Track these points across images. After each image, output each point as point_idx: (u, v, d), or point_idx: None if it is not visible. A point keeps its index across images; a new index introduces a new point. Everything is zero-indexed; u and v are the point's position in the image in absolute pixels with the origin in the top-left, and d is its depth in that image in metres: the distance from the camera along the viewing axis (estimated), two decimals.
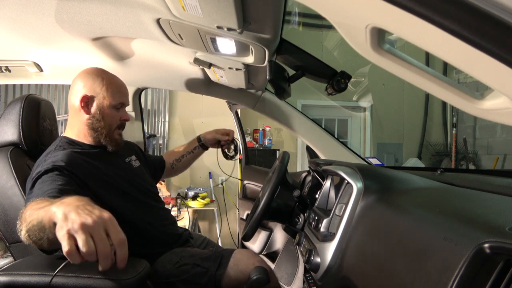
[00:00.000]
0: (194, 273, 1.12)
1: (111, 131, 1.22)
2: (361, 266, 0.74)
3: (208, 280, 1.11)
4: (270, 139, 4.28)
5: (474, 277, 0.45)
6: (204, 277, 1.12)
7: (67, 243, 0.67)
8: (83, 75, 1.20)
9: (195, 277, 1.12)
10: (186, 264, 1.15)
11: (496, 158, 4.57)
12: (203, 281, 1.11)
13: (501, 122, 0.66)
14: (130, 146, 1.47)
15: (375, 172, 0.97)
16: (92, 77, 1.19)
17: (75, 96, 1.18)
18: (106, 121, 1.20)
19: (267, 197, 1.12)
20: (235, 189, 3.98)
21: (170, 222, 1.34)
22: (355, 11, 0.56)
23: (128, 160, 1.35)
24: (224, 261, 1.16)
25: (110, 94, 1.19)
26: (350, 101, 4.88)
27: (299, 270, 1.68)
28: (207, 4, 0.79)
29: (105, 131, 1.20)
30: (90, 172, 1.11)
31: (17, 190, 1.15)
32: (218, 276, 1.12)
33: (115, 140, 1.24)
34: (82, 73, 1.21)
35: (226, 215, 3.90)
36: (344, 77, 1.22)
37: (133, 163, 1.36)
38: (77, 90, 1.18)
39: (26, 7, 0.99)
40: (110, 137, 1.22)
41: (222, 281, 1.11)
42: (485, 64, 0.43)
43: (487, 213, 0.60)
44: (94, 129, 1.19)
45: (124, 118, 1.25)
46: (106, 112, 1.19)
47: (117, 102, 1.21)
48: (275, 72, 1.18)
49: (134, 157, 1.40)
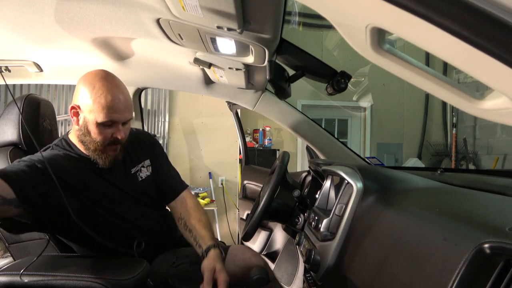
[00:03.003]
0: (192, 271, 1.12)
1: (101, 147, 1.08)
2: (361, 266, 0.74)
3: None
4: (270, 139, 4.28)
5: (474, 277, 0.45)
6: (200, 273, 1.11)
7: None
8: (80, 80, 1.08)
9: (194, 275, 1.11)
10: (183, 263, 1.15)
11: (496, 158, 4.57)
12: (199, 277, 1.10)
13: (501, 122, 0.66)
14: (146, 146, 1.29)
15: (375, 172, 0.97)
16: (84, 84, 1.06)
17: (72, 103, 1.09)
18: (92, 137, 1.07)
19: (267, 197, 1.12)
20: (235, 189, 3.98)
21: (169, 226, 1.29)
22: (355, 11, 0.56)
23: (134, 171, 1.21)
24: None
25: (96, 109, 1.03)
26: (350, 101, 4.88)
27: (299, 270, 1.68)
28: (207, 4, 0.79)
29: (92, 146, 1.08)
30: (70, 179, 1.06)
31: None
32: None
33: (107, 157, 1.10)
34: (81, 77, 1.09)
35: (226, 215, 3.90)
36: (344, 77, 1.22)
37: (141, 174, 1.23)
38: (74, 95, 1.09)
39: (26, 7, 0.99)
40: (99, 154, 1.09)
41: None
42: (485, 64, 0.43)
43: (487, 213, 0.60)
44: (82, 141, 1.10)
45: (116, 136, 1.08)
46: (92, 128, 1.06)
47: (104, 119, 1.04)
48: (275, 72, 1.18)
49: (147, 162, 1.25)
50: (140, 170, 1.23)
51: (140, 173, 1.23)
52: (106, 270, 0.93)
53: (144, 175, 1.24)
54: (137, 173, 1.22)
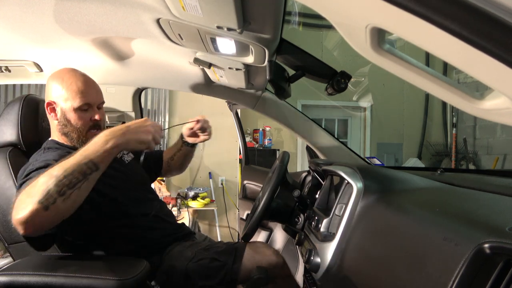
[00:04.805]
0: (212, 267, 1.13)
1: (83, 133, 1.15)
2: (361, 266, 0.74)
3: (226, 273, 1.12)
4: (270, 139, 4.28)
5: (474, 277, 0.45)
6: (221, 270, 1.12)
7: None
8: (49, 79, 1.15)
9: (213, 271, 1.12)
10: (203, 259, 1.15)
11: (496, 158, 4.57)
12: (220, 275, 1.11)
13: (501, 122, 0.66)
14: None
15: (375, 172, 0.97)
16: (53, 80, 1.13)
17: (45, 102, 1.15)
18: (72, 125, 1.13)
19: (267, 197, 1.12)
20: (235, 189, 3.98)
21: (167, 214, 1.33)
22: (355, 11, 0.56)
23: (119, 156, 1.31)
24: (239, 254, 1.16)
25: (71, 96, 1.11)
26: (350, 101, 4.88)
27: (299, 270, 1.68)
28: (207, 4, 0.79)
29: (75, 135, 1.14)
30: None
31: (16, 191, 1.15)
32: (235, 269, 1.13)
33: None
34: (49, 77, 1.16)
35: (226, 215, 3.90)
36: (344, 77, 1.22)
37: (125, 158, 1.34)
38: (46, 94, 1.15)
39: (26, 7, 0.99)
40: (84, 140, 1.14)
41: (239, 274, 1.12)
42: (485, 64, 0.43)
43: (487, 213, 0.60)
44: (64, 134, 1.16)
45: (94, 118, 1.15)
46: (71, 116, 1.13)
47: (80, 103, 1.11)
48: (275, 72, 1.18)
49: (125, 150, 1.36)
50: (123, 156, 1.34)
51: (124, 157, 1.34)
52: (106, 270, 0.92)
53: (129, 158, 1.36)
54: (122, 158, 1.32)
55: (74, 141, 1.16)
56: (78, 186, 0.85)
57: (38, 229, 0.85)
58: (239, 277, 1.13)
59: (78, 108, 1.12)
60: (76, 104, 1.11)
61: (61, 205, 0.82)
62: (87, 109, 1.14)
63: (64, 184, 0.82)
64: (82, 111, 1.13)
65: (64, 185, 0.82)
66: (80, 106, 1.12)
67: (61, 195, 0.82)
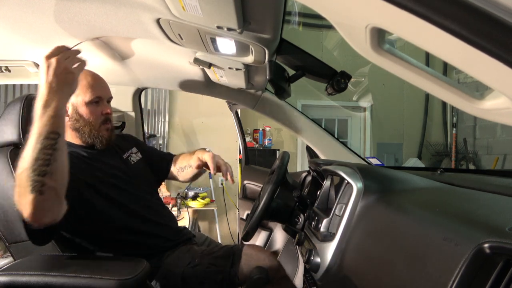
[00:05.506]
0: (209, 272, 1.14)
1: (95, 128, 1.17)
2: (361, 266, 0.74)
3: (223, 278, 1.13)
4: (270, 139, 4.28)
5: (474, 277, 0.45)
6: (219, 275, 1.14)
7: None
8: None
9: (211, 276, 1.13)
10: (200, 264, 1.16)
11: (496, 158, 4.57)
12: (218, 279, 1.13)
13: (501, 122, 0.66)
14: (129, 139, 1.44)
15: (375, 172, 0.97)
16: None
17: None
18: (85, 119, 1.16)
19: (267, 197, 1.12)
20: (235, 189, 3.98)
21: (169, 218, 1.33)
22: (355, 11, 0.56)
23: (126, 156, 1.32)
24: (236, 258, 1.17)
25: (81, 90, 1.14)
26: (350, 101, 4.87)
27: (299, 270, 1.68)
28: (207, 4, 0.79)
29: (87, 129, 1.17)
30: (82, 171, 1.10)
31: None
32: (232, 272, 1.14)
33: (102, 137, 1.19)
34: None
35: (226, 215, 3.90)
36: (344, 77, 1.22)
37: (132, 158, 1.34)
38: None
39: (26, 7, 0.99)
40: (96, 135, 1.18)
41: (237, 277, 1.14)
42: (485, 64, 0.43)
43: (487, 213, 0.60)
44: (76, 129, 1.17)
45: (106, 111, 1.19)
46: (83, 110, 1.15)
47: (92, 97, 1.15)
48: (275, 72, 1.18)
49: (134, 149, 1.38)
50: (130, 155, 1.35)
51: (131, 158, 1.34)
52: (106, 270, 0.92)
53: (136, 159, 1.36)
54: (128, 158, 1.33)
55: (85, 136, 1.17)
56: (53, 159, 0.84)
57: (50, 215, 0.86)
58: (237, 280, 1.14)
59: (90, 102, 1.15)
60: (87, 98, 1.14)
61: (51, 182, 0.83)
62: (98, 102, 1.17)
63: (40, 165, 0.82)
64: (93, 105, 1.16)
65: (40, 166, 0.82)
66: (92, 99, 1.15)
67: (44, 175, 0.82)
